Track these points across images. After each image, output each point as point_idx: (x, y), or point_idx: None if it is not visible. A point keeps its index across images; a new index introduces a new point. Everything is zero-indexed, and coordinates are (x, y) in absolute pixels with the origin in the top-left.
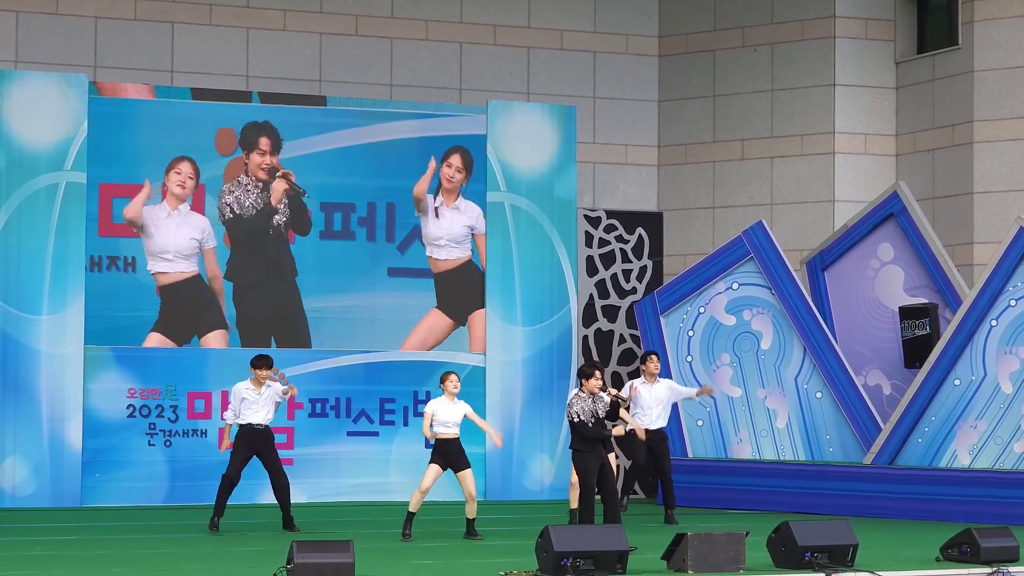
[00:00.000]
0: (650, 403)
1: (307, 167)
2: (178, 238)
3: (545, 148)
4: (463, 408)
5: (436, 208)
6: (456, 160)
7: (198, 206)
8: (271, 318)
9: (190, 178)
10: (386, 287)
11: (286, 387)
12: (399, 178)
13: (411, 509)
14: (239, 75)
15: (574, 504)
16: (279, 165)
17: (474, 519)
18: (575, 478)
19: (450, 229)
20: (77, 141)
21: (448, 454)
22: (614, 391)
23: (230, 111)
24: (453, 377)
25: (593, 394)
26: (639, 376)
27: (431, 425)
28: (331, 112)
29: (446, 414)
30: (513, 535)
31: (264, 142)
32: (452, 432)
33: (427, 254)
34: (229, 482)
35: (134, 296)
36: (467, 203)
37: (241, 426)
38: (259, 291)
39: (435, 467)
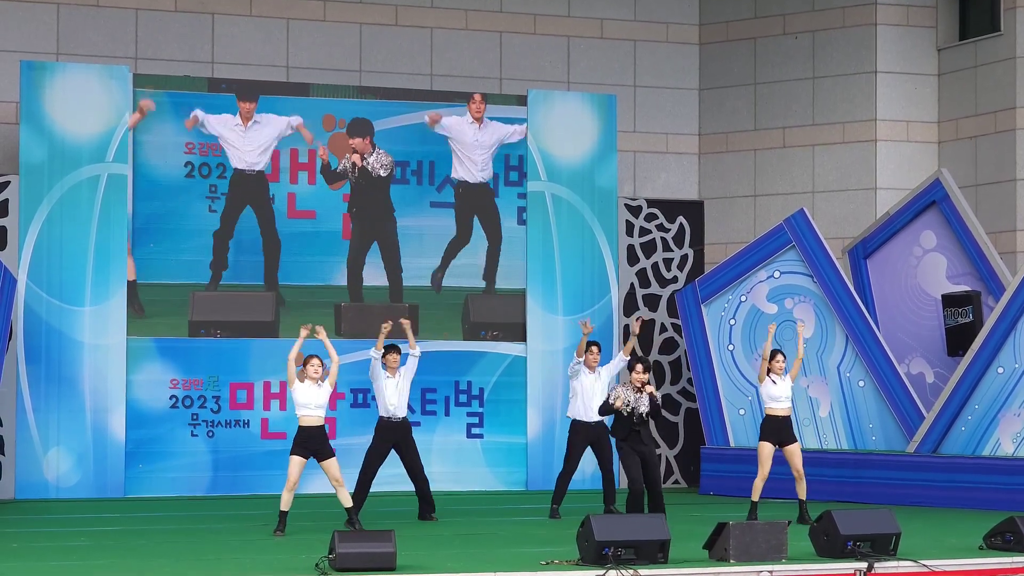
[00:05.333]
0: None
1: (381, 138)
2: None
3: (585, 137)
4: (327, 391)
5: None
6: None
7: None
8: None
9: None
10: (428, 213)
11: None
12: (435, 145)
13: (283, 508)
14: (279, 66)
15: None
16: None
17: (352, 507)
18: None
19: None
20: (119, 132)
21: (309, 442)
22: (651, 389)
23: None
24: (315, 362)
25: (638, 388)
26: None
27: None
28: (392, 104)
29: (308, 396)
30: (554, 524)
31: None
32: (316, 417)
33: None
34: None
35: None
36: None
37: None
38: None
39: (297, 459)
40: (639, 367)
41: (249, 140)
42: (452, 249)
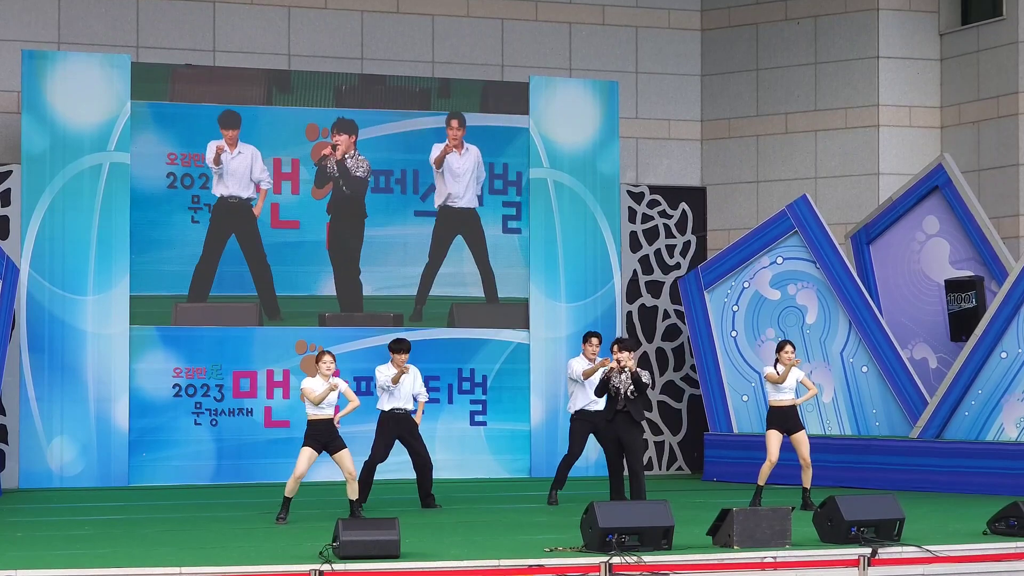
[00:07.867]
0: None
1: (366, 146)
2: None
3: (587, 124)
4: (341, 386)
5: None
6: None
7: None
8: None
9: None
10: (412, 222)
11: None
12: (419, 154)
13: (287, 495)
14: (281, 54)
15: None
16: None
17: (356, 500)
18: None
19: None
20: (120, 121)
21: (320, 435)
22: (630, 365)
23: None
24: (327, 359)
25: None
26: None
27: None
28: (380, 112)
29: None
30: (558, 511)
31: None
32: (325, 414)
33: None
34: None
35: None
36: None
37: (383, 412)
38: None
39: (308, 451)
40: (614, 347)
41: (236, 166)
42: (427, 278)
